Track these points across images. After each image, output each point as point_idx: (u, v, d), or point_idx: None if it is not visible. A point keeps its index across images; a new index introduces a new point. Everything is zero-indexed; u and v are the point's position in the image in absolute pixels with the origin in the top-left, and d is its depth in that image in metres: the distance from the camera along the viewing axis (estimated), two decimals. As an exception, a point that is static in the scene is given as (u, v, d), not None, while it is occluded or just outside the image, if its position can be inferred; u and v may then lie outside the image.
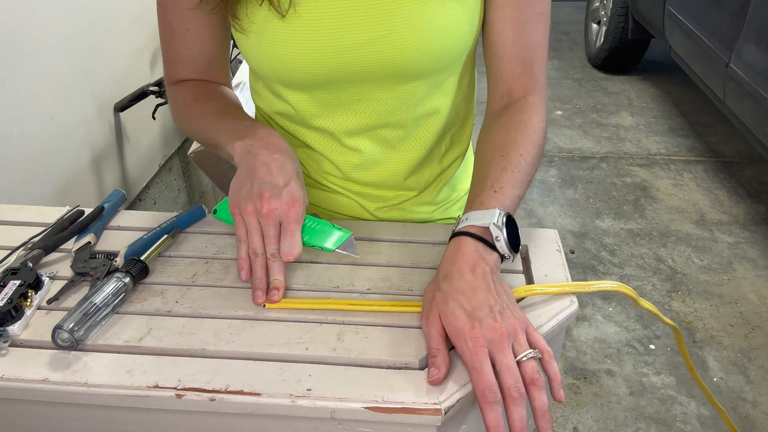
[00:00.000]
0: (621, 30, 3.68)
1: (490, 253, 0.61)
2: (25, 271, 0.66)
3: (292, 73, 0.71)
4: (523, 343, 0.55)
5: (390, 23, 0.67)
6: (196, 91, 0.79)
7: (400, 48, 0.68)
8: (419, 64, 0.70)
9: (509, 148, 0.68)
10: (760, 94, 2.18)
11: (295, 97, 0.75)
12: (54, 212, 0.80)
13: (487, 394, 0.52)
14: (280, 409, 0.54)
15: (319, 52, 0.68)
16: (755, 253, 2.37)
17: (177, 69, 0.81)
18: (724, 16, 2.51)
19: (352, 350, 0.59)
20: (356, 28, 0.67)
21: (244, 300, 0.65)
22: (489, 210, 0.63)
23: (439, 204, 0.88)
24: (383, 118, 0.76)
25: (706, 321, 2.05)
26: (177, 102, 0.81)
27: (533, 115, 0.72)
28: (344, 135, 0.78)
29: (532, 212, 2.66)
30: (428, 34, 0.68)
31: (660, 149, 3.12)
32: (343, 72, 0.70)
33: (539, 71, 0.74)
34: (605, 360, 1.91)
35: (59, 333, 0.57)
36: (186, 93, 0.80)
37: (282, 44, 0.69)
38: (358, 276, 0.69)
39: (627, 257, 2.36)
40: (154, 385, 0.55)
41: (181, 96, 0.80)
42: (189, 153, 1.78)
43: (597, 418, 1.72)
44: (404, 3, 0.66)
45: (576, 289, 0.65)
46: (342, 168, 0.81)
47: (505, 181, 0.66)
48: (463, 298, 0.56)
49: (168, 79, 0.83)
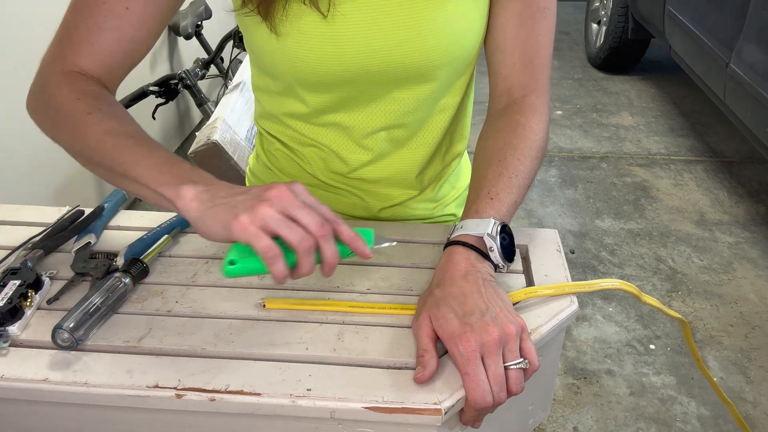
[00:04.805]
0: (621, 30, 3.68)
1: (483, 263, 0.61)
2: (25, 271, 0.66)
3: (316, 75, 0.70)
4: (514, 350, 0.55)
5: (415, 26, 0.67)
6: (98, 97, 0.64)
7: (424, 50, 0.68)
8: (440, 66, 0.70)
9: (507, 153, 0.68)
10: (760, 94, 2.18)
11: (313, 97, 0.74)
12: (54, 212, 0.80)
13: (479, 401, 0.53)
14: (280, 409, 0.54)
15: (346, 54, 0.68)
16: (755, 253, 2.37)
17: (81, 51, 0.65)
18: (724, 16, 2.50)
19: (352, 350, 0.59)
20: (384, 31, 0.67)
21: (244, 300, 0.65)
22: (484, 219, 0.63)
23: (438, 201, 0.88)
24: (399, 118, 0.76)
25: (706, 321, 2.05)
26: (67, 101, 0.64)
27: (532, 117, 0.71)
28: (359, 133, 0.77)
29: (532, 212, 2.66)
30: (450, 36, 0.68)
31: (660, 149, 3.12)
32: (367, 73, 0.70)
33: (540, 69, 0.73)
34: (605, 360, 1.91)
35: (59, 333, 0.57)
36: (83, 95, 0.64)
37: (309, 45, 0.68)
38: (358, 276, 0.69)
39: (627, 257, 2.36)
40: (154, 385, 0.55)
41: (75, 96, 0.64)
42: (189, 153, 1.78)
43: (597, 418, 1.72)
44: (427, 5, 0.66)
45: (578, 288, 0.65)
46: (352, 166, 0.81)
47: (502, 187, 0.65)
48: (454, 303, 0.57)
49: (56, 59, 0.66)
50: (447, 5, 0.67)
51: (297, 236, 0.52)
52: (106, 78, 0.67)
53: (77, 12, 0.64)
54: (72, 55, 0.66)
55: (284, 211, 0.53)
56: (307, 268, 0.53)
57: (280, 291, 0.67)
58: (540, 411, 0.71)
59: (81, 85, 0.65)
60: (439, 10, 0.67)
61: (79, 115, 0.63)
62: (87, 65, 0.66)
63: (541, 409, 0.71)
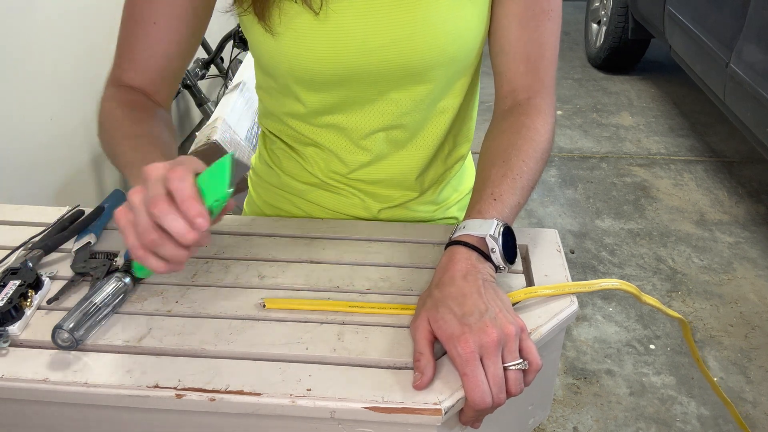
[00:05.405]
0: (621, 30, 3.68)
1: (484, 264, 0.61)
2: (25, 271, 0.66)
3: (312, 73, 0.70)
4: (513, 351, 0.55)
5: (410, 25, 0.67)
6: (130, 105, 0.70)
7: (420, 50, 0.68)
8: (436, 66, 0.70)
9: (511, 154, 0.68)
10: (760, 94, 2.18)
11: (311, 97, 0.74)
12: (54, 212, 0.80)
13: (478, 402, 0.53)
14: (280, 409, 0.54)
15: (342, 52, 0.68)
16: (755, 253, 2.37)
17: (124, 68, 0.72)
18: (724, 16, 2.50)
19: (352, 350, 0.59)
20: (379, 30, 0.67)
21: (244, 300, 0.65)
22: (487, 220, 0.62)
23: (440, 204, 0.88)
24: (397, 119, 0.76)
25: (706, 321, 2.05)
26: (105, 110, 0.70)
27: (537, 118, 0.71)
28: (357, 134, 0.77)
29: (532, 212, 2.66)
30: (445, 35, 0.68)
31: (660, 149, 3.12)
32: (363, 73, 0.70)
33: (545, 71, 0.73)
34: (605, 360, 1.91)
35: (59, 333, 0.57)
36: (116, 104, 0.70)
37: (305, 44, 0.68)
38: (358, 276, 0.69)
39: (627, 257, 2.36)
40: (154, 385, 0.55)
41: (111, 105, 0.70)
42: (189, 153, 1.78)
43: (597, 418, 1.72)
44: (422, 5, 0.66)
45: (578, 288, 0.65)
46: (351, 166, 0.81)
47: (506, 188, 0.65)
48: (453, 304, 0.56)
49: (111, 78, 0.73)
50: (442, 5, 0.67)
51: (132, 242, 0.52)
52: (150, 90, 0.72)
53: (121, 30, 0.70)
54: (119, 71, 0.72)
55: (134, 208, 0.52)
56: (154, 267, 0.53)
57: (280, 291, 0.67)
58: (540, 411, 0.71)
59: (123, 96, 0.70)
60: (434, 10, 0.67)
61: (112, 122, 0.68)
62: (131, 80, 0.71)
63: (541, 409, 0.71)
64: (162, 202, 0.50)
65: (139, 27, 0.69)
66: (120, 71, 0.72)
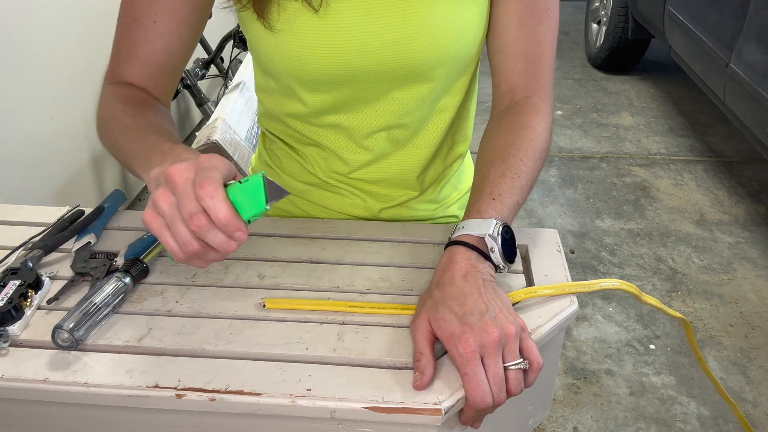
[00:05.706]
0: (621, 30, 3.68)
1: (484, 263, 0.61)
2: (25, 271, 0.66)
3: (313, 73, 0.70)
4: (513, 351, 0.55)
5: (410, 25, 0.67)
6: (128, 100, 0.70)
7: (420, 49, 0.68)
8: (437, 65, 0.70)
9: (509, 153, 0.68)
10: (760, 94, 2.18)
11: (312, 97, 0.74)
12: (54, 212, 0.80)
13: (478, 402, 0.53)
14: (280, 409, 0.54)
15: (342, 52, 0.68)
16: (755, 253, 2.37)
17: (123, 65, 0.72)
18: (724, 16, 2.50)
19: (352, 350, 0.59)
20: (380, 30, 0.67)
21: (244, 300, 0.65)
22: (486, 220, 0.62)
23: (440, 202, 0.88)
24: (398, 118, 0.76)
25: (706, 321, 2.05)
26: (103, 107, 0.71)
27: (535, 117, 0.71)
28: (359, 134, 0.77)
29: (532, 212, 2.66)
30: (446, 35, 0.68)
31: (660, 149, 3.12)
32: (364, 72, 0.70)
33: (543, 70, 0.73)
34: (605, 360, 1.91)
35: (59, 333, 0.57)
36: (114, 100, 0.70)
37: (306, 43, 0.68)
38: (358, 276, 0.69)
39: (627, 257, 2.36)
40: (154, 385, 0.55)
41: (110, 102, 0.70)
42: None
43: (597, 418, 1.72)
44: (422, 4, 0.66)
45: (578, 288, 0.65)
46: (352, 166, 0.81)
47: (505, 187, 0.65)
48: (453, 303, 0.56)
49: (108, 75, 0.73)
50: (441, 4, 0.67)
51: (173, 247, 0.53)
52: (150, 87, 0.72)
53: (118, 29, 0.70)
54: (117, 69, 0.72)
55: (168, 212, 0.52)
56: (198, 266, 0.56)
57: (280, 291, 0.67)
58: (540, 411, 0.71)
59: (121, 92, 0.70)
60: (434, 9, 0.67)
61: (110, 118, 0.68)
62: (130, 77, 0.72)
63: (541, 409, 0.71)
64: (200, 220, 0.51)
65: (139, 23, 0.69)
66: (118, 68, 0.72)
